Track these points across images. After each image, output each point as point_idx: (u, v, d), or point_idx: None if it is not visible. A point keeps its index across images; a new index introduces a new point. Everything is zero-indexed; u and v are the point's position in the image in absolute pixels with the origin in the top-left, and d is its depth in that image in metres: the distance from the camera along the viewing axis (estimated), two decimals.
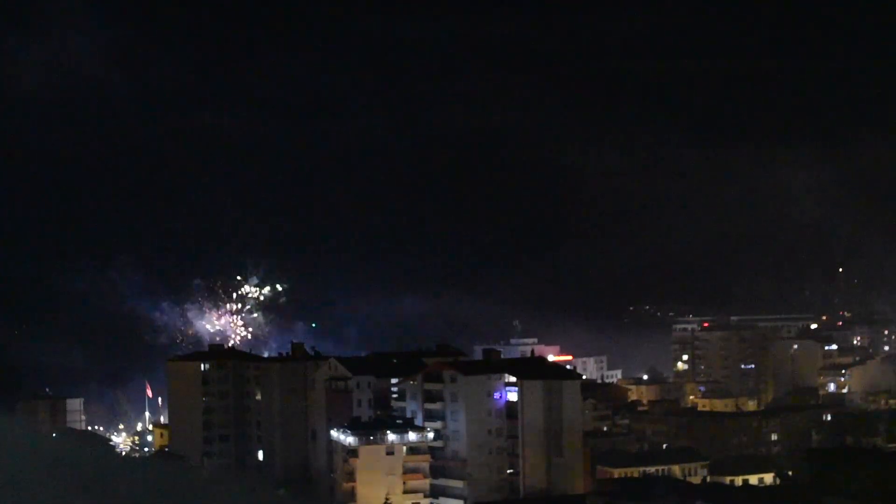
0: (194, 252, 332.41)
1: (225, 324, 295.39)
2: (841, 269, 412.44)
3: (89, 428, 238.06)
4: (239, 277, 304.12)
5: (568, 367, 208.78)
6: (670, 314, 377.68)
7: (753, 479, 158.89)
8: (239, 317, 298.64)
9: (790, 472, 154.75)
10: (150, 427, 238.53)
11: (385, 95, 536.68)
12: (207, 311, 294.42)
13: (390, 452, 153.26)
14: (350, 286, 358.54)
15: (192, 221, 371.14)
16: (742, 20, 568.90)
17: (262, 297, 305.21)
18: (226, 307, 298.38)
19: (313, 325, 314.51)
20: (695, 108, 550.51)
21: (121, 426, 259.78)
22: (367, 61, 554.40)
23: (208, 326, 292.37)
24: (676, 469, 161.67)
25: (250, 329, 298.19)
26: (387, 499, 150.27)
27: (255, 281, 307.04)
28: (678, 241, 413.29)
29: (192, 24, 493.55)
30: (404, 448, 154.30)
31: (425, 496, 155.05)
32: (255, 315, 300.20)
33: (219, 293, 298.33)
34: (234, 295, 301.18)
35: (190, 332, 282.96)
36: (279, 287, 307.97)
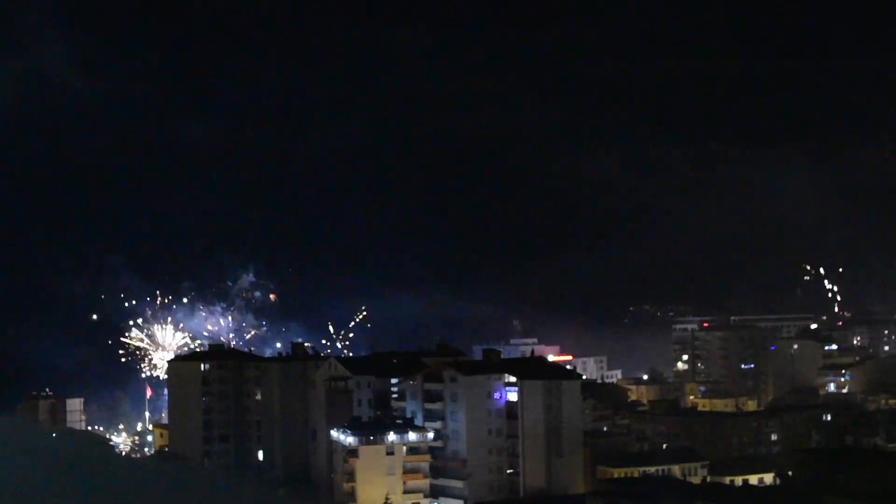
0: (185, 254, 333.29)
1: (216, 324, 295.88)
2: (841, 270, 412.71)
3: (89, 428, 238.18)
4: (230, 281, 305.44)
5: (568, 367, 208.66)
6: (670, 314, 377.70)
7: (753, 479, 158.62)
8: (230, 317, 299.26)
9: (790, 472, 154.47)
10: (150, 427, 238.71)
11: (373, 99, 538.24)
12: (199, 311, 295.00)
13: (390, 452, 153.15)
14: (350, 287, 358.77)
15: (184, 224, 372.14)
16: (738, 23, 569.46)
17: (253, 298, 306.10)
18: (217, 308, 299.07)
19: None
20: (694, 110, 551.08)
21: (121, 426, 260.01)
22: (344, 67, 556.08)
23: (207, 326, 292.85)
24: (676, 469, 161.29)
25: (242, 329, 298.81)
26: (387, 499, 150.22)
27: (247, 282, 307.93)
28: (678, 242, 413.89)
29: (166, 33, 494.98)
30: (404, 448, 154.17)
31: (425, 496, 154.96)
32: (247, 315, 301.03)
33: (209, 294, 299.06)
34: (226, 296, 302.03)
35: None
36: (271, 288, 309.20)
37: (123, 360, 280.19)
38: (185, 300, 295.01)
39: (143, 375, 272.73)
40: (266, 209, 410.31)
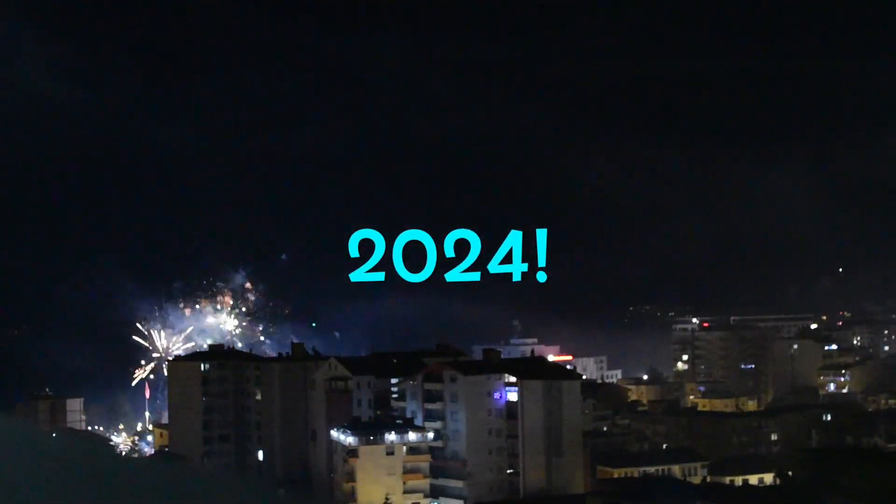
0: (176, 256, 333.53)
1: (209, 324, 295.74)
2: (840, 270, 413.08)
3: (89, 428, 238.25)
4: (221, 282, 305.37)
5: (568, 367, 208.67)
6: (670, 314, 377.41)
7: (753, 479, 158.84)
8: (225, 317, 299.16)
9: (790, 472, 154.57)
10: (150, 427, 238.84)
11: (360, 103, 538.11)
12: (188, 312, 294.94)
13: (390, 452, 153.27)
14: (348, 286, 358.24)
15: (174, 226, 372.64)
16: (734, 22, 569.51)
17: (247, 298, 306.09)
18: (207, 308, 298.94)
19: (313, 324, 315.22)
20: (693, 111, 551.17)
21: (121, 426, 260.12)
22: (328, 71, 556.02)
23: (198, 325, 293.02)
24: (676, 469, 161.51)
25: (236, 329, 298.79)
26: (387, 499, 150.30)
27: (240, 282, 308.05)
28: (678, 242, 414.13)
29: (140, 40, 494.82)
30: (404, 448, 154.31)
31: (425, 496, 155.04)
32: (236, 315, 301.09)
33: (199, 295, 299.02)
34: (217, 296, 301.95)
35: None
36: (256, 288, 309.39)
37: (124, 360, 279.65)
38: (178, 301, 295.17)
39: (141, 376, 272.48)
40: (258, 211, 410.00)
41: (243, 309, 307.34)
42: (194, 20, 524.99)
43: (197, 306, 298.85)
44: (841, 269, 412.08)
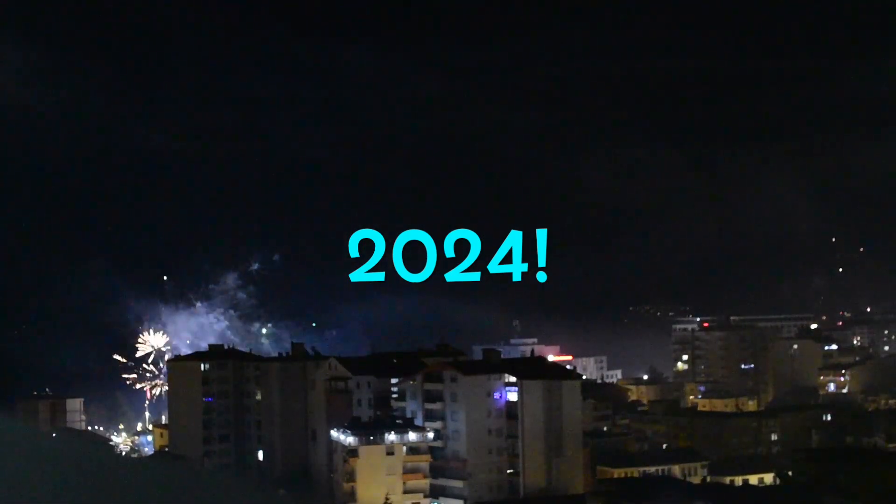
0: (170, 257, 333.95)
1: (202, 324, 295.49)
2: (841, 270, 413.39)
3: (89, 428, 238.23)
4: (213, 283, 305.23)
5: (568, 367, 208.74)
6: (670, 314, 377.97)
7: (753, 479, 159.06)
8: (216, 317, 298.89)
9: (790, 472, 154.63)
10: (150, 427, 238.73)
11: (349, 106, 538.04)
12: (182, 312, 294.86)
13: (390, 452, 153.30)
14: (348, 286, 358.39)
15: (165, 228, 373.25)
16: (734, 24, 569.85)
17: (242, 297, 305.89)
18: (200, 308, 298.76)
19: (313, 324, 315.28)
20: (692, 112, 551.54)
21: (121, 426, 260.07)
22: (312, 76, 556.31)
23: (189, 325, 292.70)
24: (676, 469, 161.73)
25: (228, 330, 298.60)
26: (387, 499, 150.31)
27: (231, 284, 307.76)
28: (678, 242, 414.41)
29: (115, 46, 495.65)
30: (404, 448, 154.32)
31: (425, 496, 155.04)
32: (230, 315, 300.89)
33: (190, 295, 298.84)
34: (209, 296, 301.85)
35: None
36: (251, 288, 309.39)
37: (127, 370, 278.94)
38: (173, 302, 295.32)
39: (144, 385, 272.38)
40: (249, 213, 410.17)
41: (234, 311, 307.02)
42: (186, 24, 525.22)
43: (191, 307, 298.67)
44: (841, 269, 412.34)
